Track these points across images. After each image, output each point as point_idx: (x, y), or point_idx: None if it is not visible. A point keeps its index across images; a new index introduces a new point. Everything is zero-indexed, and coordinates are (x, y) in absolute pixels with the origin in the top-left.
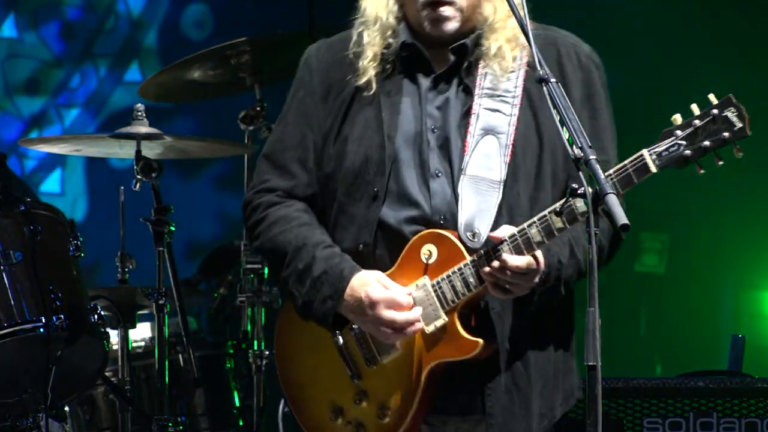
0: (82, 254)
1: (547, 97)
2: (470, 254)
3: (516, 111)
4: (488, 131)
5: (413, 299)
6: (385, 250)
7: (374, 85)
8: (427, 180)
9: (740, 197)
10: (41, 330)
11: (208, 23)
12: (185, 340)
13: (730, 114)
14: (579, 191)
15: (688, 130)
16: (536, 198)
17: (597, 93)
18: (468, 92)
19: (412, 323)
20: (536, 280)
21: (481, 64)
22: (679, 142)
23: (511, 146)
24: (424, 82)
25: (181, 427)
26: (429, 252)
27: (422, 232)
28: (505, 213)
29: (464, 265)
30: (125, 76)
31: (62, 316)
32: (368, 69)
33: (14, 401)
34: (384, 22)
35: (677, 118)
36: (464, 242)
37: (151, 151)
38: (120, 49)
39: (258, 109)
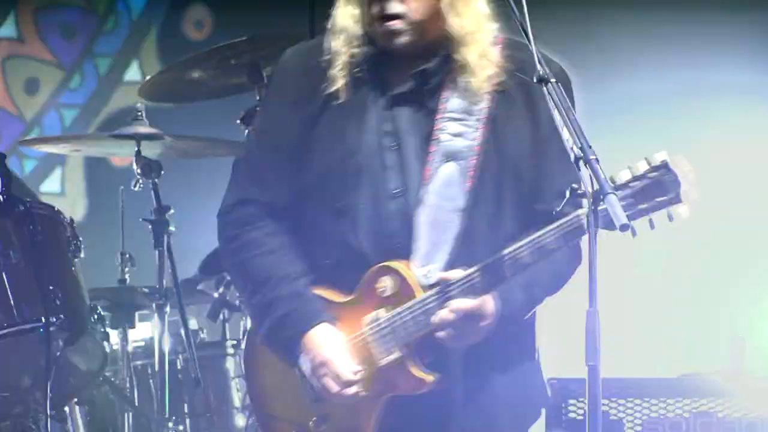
0: (82, 254)
1: (547, 97)
2: (424, 291)
3: (479, 135)
4: (450, 157)
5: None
6: (348, 269)
7: (342, 96)
8: (386, 199)
9: (740, 197)
10: (41, 330)
11: (209, 23)
12: (185, 340)
13: (668, 179)
14: (579, 191)
15: (627, 191)
16: (498, 225)
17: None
18: (430, 115)
19: (344, 398)
20: (484, 324)
21: (448, 83)
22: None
23: (472, 172)
24: (387, 98)
25: (181, 427)
26: (384, 285)
27: (379, 265)
28: (464, 243)
29: (415, 303)
30: (125, 76)
31: (62, 316)
32: (337, 78)
33: (14, 401)
34: (350, 32)
35: (620, 176)
36: (418, 278)
37: (151, 151)
38: (120, 49)
39: (258, 109)
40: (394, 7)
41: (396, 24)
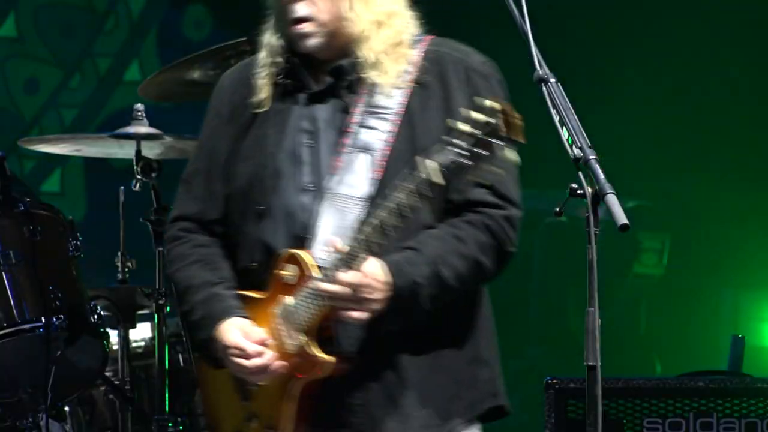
0: (82, 254)
1: (547, 97)
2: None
3: (393, 127)
4: (361, 149)
5: (275, 331)
6: (271, 269)
7: (267, 104)
8: (300, 195)
9: (740, 197)
10: (41, 330)
11: (208, 23)
12: (185, 340)
13: (499, 121)
14: (578, 191)
15: (462, 139)
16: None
17: None
18: (346, 111)
19: (260, 369)
20: (375, 295)
21: (366, 79)
22: (456, 150)
23: (381, 163)
24: (306, 99)
25: (181, 427)
26: (288, 273)
27: (283, 254)
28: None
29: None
30: (125, 76)
31: (62, 316)
32: (263, 88)
33: (14, 401)
34: (273, 43)
35: (455, 125)
36: (318, 261)
37: (151, 151)
38: (120, 49)
39: None
40: (301, 10)
41: (305, 27)
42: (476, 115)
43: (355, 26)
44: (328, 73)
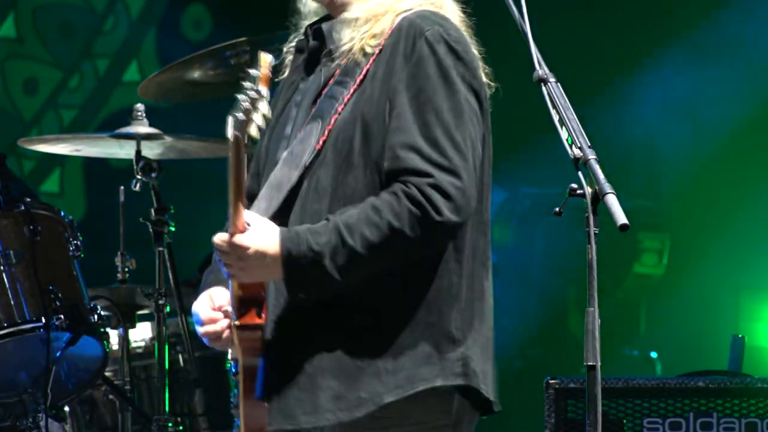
0: (82, 254)
1: (546, 97)
2: None
3: (348, 95)
4: (316, 117)
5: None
6: None
7: (285, 74)
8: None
9: (740, 197)
10: (41, 330)
11: (208, 23)
12: (185, 340)
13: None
14: (578, 191)
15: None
16: (343, 183)
17: (425, 75)
18: (326, 80)
19: (211, 336)
20: (248, 253)
21: (346, 46)
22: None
23: (326, 131)
24: (301, 68)
25: (180, 427)
26: None
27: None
28: (302, 196)
29: None
30: (125, 76)
31: (62, 316)
32: (288, 64)
33: (14, 401)
34: (301, 9)
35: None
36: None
37: (151, 151)
38: (120, 49)
39: None
40: None
41: None
42: (253, 71)
43: None
44: (312, 36)
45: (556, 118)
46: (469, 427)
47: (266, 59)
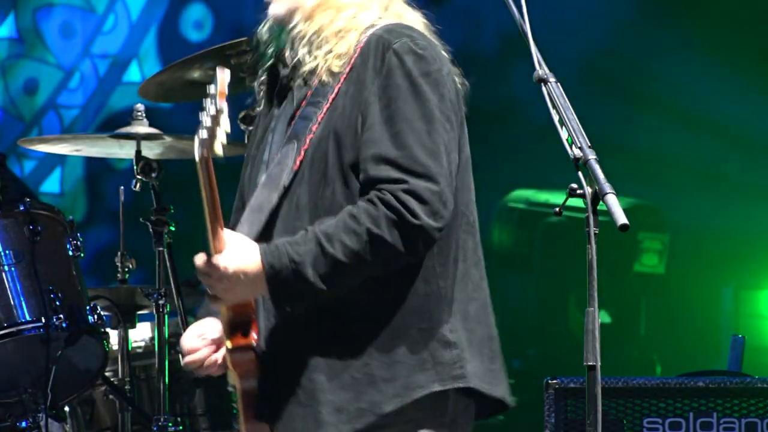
0: (82, 254)
1: (546, 97)
2: None
3: (321, 115)
4: (292, 139)
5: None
6: None
7: (259, 105)
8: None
9: (740, 197)
10: (41, 330)
11: (208, 23)
12: None
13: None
14: (578, 191)
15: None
16: (322, 197)
17: (395, 85)
18: (297, 103)
19: (193, 365)
20: (225, 272)
21: (308, 64)
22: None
23: (302, 151)
24: (275, 97)
25: (180, 427)
26: None
27: None
28: (283, 216)
29: None
30: (125, 76)
31: (62, 316)
32: (260, 88)
33: (14, 401)
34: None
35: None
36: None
37: (151, 151)
38: (120, 49)
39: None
40: None
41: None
42: (211, 88)
43: (305, 5)
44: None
45: (556, 118)
46: (466, 426)
47: (222, 75)
